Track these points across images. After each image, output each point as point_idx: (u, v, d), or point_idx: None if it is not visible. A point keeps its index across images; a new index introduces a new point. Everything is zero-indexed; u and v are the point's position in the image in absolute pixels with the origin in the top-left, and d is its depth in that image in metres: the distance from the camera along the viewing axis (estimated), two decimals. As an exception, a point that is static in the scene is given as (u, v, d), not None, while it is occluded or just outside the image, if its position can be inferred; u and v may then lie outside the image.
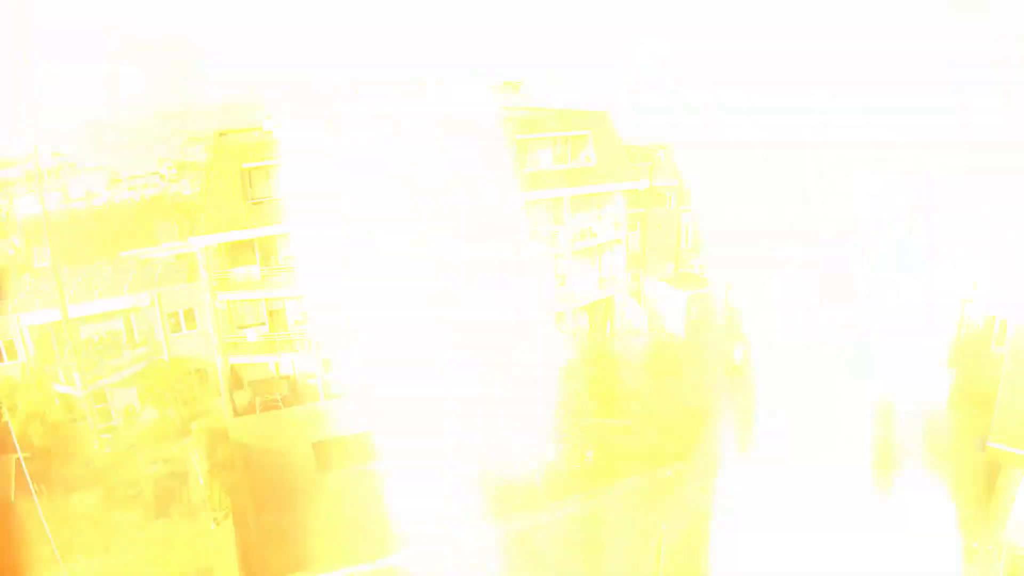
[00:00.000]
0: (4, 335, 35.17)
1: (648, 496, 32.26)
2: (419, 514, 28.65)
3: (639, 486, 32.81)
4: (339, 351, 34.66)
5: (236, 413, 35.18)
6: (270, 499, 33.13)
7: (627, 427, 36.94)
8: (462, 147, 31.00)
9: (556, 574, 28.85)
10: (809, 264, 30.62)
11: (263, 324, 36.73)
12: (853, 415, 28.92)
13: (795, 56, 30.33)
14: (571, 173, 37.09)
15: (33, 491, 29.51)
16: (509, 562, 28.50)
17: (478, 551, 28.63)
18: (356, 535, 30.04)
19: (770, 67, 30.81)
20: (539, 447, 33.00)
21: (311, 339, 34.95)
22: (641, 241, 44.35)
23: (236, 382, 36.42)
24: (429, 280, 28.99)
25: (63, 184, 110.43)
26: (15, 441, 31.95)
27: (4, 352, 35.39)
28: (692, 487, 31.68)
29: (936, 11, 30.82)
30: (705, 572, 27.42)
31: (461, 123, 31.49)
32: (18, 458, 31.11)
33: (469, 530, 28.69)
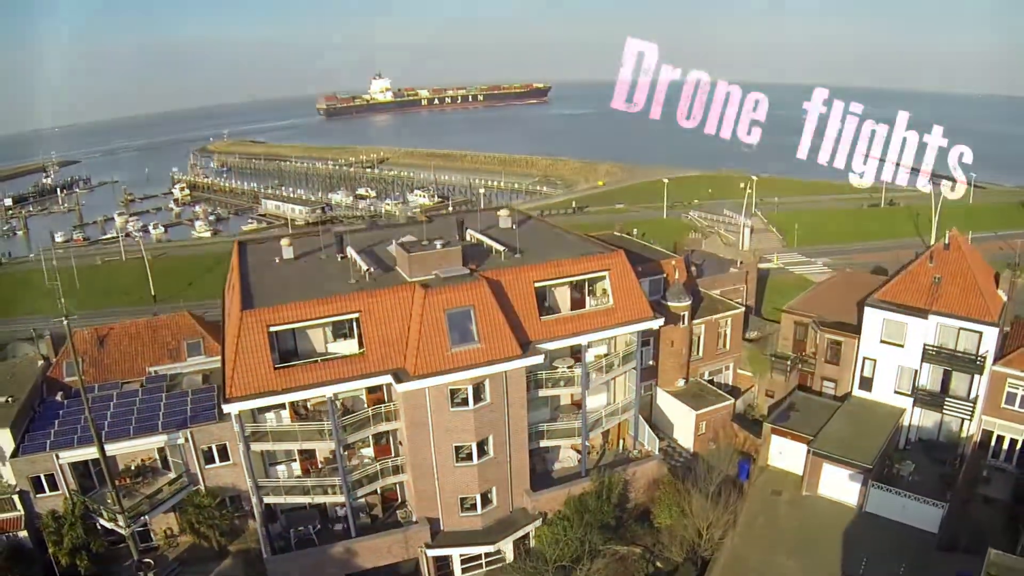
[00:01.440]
0: (44, 470, 36.94)
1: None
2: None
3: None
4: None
5: (272, 547, 36.84)
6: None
7: (637, 555, 38.74)
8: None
9: None
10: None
11: (295, 460, 38.39)
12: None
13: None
14: (590, 317, 37.57)
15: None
16: None
17: None
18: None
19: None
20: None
21: (341, 482, 36.43)
22: (654, 355, 45.13)
23: (270, 514, 38.25)
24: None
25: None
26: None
27: (45, 484, 37.27)
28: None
29: None
30: None
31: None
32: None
33: None
